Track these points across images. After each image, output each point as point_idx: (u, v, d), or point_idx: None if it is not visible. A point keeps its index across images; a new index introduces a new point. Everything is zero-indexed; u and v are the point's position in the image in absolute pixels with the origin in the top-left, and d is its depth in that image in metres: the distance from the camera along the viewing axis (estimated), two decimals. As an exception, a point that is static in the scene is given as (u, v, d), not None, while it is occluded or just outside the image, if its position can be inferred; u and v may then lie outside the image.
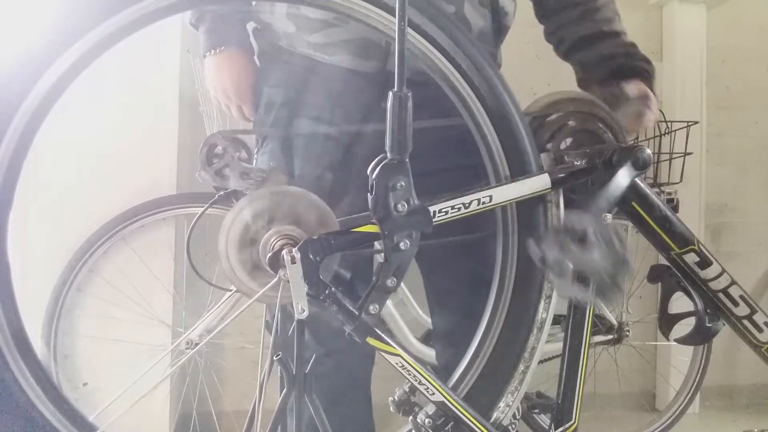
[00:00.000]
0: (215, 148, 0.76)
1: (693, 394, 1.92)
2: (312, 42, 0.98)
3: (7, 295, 0.65)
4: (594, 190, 0.80)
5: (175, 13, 0.67)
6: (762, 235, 2.39)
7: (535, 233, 0.78)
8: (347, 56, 0.97)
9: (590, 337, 0.82)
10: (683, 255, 0.85)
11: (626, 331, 1.76)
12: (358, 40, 0.95)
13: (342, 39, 0.96)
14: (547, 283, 0.80)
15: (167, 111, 1.70)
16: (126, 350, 1.59)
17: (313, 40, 0.97)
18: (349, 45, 0.96)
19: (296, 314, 0.67)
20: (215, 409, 1.82)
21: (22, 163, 0.64)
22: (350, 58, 0.97)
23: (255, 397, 0.71)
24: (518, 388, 0.79)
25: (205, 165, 0.74)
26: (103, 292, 1.64)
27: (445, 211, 0.72)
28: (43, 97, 0.63)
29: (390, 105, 0.64)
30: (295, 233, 0.70)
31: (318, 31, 0.96)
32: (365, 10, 0.71)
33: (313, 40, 0.97)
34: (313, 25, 0.96)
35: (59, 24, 0.63)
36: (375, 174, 0.67)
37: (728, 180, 2.37)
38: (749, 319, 0.85)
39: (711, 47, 2.27)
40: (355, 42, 0.96)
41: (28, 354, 0.65)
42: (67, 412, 0.67)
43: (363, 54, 0.96)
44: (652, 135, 1.81)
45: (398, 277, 0.70)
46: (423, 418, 0.77)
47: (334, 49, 0.97)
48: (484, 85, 0.75)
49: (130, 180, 1.67)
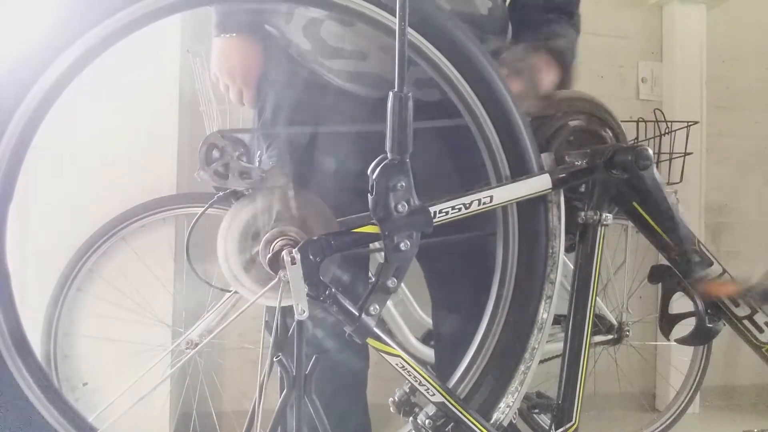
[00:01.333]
0: (214, 147, 0.76)
1: (693, 394, 1.92)
2: (327, 65, 0.98)
3: (6, 296, 0.65)
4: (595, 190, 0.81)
5: (175, 12, 0.67)
6: (762, 235, 2.39)
7: (536, 233, 0.78)
8: (362, 87, 0.98)
9: (590, 337, 0.82)
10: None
11: (626, 331, 1.76)
12: (375, 75, 0.96)
13: (360, 71, 0.97)
14: (548, 283, 0.80)
15: (167, 111, 1.70)
16: (126, 350, 1.59)
17: (329, 65, 0.98)
18: (365, 77, 0.97)
19: (296, 315, 0.67)
20: (215, 409, 1.82)
21: (22, 163, 0.64)
22: (365, 88, 0.98)
23: (255, 397, 0.71)
24: (518, 389, 0.79)
25: (204, 164, 0.74)
26: (103, 292, 1.64)
27: (445, 211, 0.72)
28: (42, 96, 0.63)
29: (390, 105, 0.64)
30: (295, 234, 0.70)
31: (335, 58, 0.97)
32: (365, 9, 0.71)
33: (329, 65, 0.98)
34: (330, 51, 0.97)
35: (59, 23, 0.63)
36: (375, 174, 0.67)
37: (728, 180, 2.36)
38: (749, 320, 0.85)
39: (711, 47, 2.27)
40: (372, 76, 0.97)
41: (27, 354, 0.65)
42: (66, 412, 0.67)
43: (378, 86, 0.97)
44: (653, 135, 1.81)
45: (398, 277, 0.70)
46: (423, 419, 0.77)
47: (349, 77, 0.98)
48: (485, 85, 0.75)
49: (130, 180, 1.66)
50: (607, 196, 0.83)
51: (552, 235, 0.79)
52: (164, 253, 1.70)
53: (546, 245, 0.79)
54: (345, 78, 0.98)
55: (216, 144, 0.76)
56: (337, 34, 0.95)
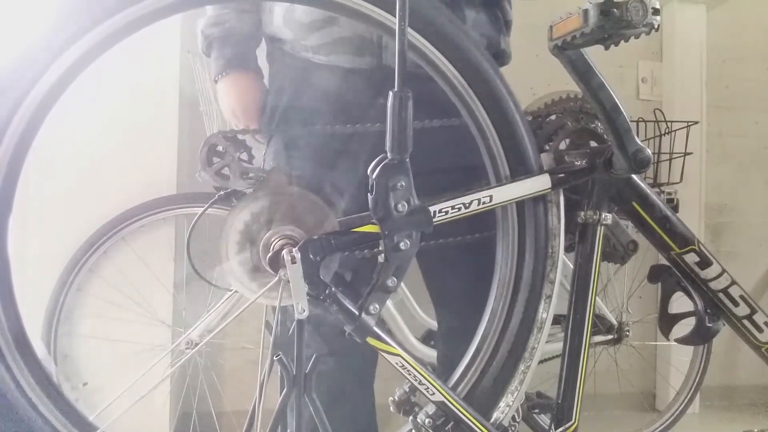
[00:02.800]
0: (216, 148, 0.76)
1: (693, 394, 1.91)
2: (308, 45, 0.99)
3: (7, 295, 0.65)
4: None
5: (175, 13, 0.67)
6: (762, 235, 2.39)
7: (535, 233, 0.78)
8: (342, 55, 0.98)
9: (590, 337, 0.82)
10: (683, 255, 0.85)
11: (626, 331, 1.76)
12: (350, 37, 0.96)
13: (334, 38, 0.97)
14: (548, 283, 0.80)
15: (167, 111, 1.70)
16: (126, 350, 1.59)
17: (308, 43, 0.99)
18: (342, 43, 0.97)
19: (296, 314, 0.67)
20: (215, 409, 1.82)
21: (23, 163, 0.64)
22: (345, 56, 0.98)
23: (255, 397, 0.71)
24: (518, 388, 0.79)
25: (205, 165, 0.74)
26: (103, 292, 1.64)
27: (445, 211, 0.72)
28: (43, 97, 0.63)
29: (390, 105, 0.64)
30: (295, 233, 0.70)
31: (311, 33, 0.98)
32: (365, 9, 0.71)
33: (308, 43, 0.99)
34: (306, 28, 0.98)
35: (59, 24, 0.63)
36: (375, 174, 0.67)
37: (728, 180, 2.37)
38: (749, 319, 0.85)
39: (711, 47, 2.27)
40: (348, 40, 0.97)
41: (28, 354, 0.65)
42: (67, 412, 0.67)
43: (357, 51, 0.97)
44: (653, 135, 1.81)
45: (398, 277, 0.70)
46: (423, 418, 0.77)
47: (329, 49, 0.98)
48: (485, 84, 0.75)
49: (130, 180, 1.66)
50: (606, 196, 0.83)
51: (551, 235, 0.79)
52: (164, 253, 1.70)
53: (545, 245, 0.79)
54: (325, 51, 0.98)
55: (217, 145, 0.76)
56: (307, 9, 0.96)
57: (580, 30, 0.68)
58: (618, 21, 0.66)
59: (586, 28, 0.67)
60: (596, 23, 0.66)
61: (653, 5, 0.66)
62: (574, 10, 0.70)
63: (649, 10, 0.66)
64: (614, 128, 0.78)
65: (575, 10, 0.69)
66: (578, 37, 0.69)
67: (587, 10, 0.67)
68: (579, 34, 0.69)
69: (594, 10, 0.66)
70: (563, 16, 0.71)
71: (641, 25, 0.66)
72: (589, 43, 0.71)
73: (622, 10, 0.66)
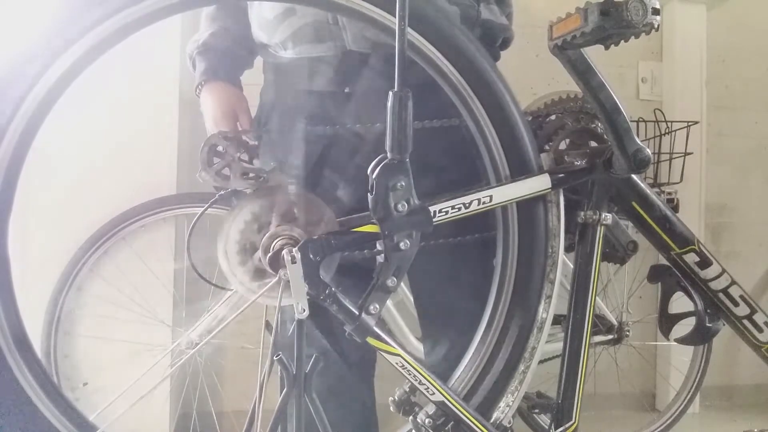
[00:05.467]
0: (216, 148, 0.76)
1: (693, 394, 1.91)
2: (278, 42, 1.00)
3: (7, 295, 0.65)
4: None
5: (175, 13, 0.67)
6: (762, 235, 2.39)
7: (535, 233, 0.78)
8: (304, 45, 0.97)
9: (590, 337, 0.82)
10: (683, 255, 0.85)
11: (626, 331, 1.76)
12: (307, 24, 0.96)
13: (294, 29, 0.97)
14: (547, 283, 0.80)
15: (167, 111, 1.70)
16: (126, 350, 1.59)
17: (276, 40, 0.99)
18: (302, 33, 0.96)
19: (296, 314, 0.67)
20: (215, 409, 1.82)
21: (23, 163, 0.64)
22: (306, 46, 0.97)
23: (255, 397, 0.71)
24: (518, 388, 0.79)
25: (205, 165, 0.74)
26: (103, 292, 1.64)
27: (445, 210, 0.72)
28: (43, 97, 0.63)
29: (390, 105, 0.64)
30: (295, 233, 0.70)
31: (276, 29, 0.98)
32: (365, 9, 0.71)
33: (276, 40, 0.99)
34: (272, 25, 0.99)
35: (60, 25, 0.63)
36: (375, 174, 0.67)
37: (728, 180, 2.36)
38: (749, 319, 0.85)
39: (711, 47, 2.27)
40: (305, 28, 0.96)
41: (28, 354, 0.65)
42: (67, 411, 0.67)
43: (316, 38, 0.96)
44: (653, 135, 1.81)
45: (398, 277, 0.70)
46: (423, 418, 0.77)
47: (293, 42, 0.98)
48: (485, 84, 0.75)
49: (130, 180, 1.66)
50: (606, 196, 0.83)
51: (551, 235, 0.79)
52: (164, 253, 1.70)
53: (545, 245, 0.79)
54: (291, 45, 0.98)
55: (217, 145, 0.76)
56: (270, 5, 0.97)
57: (580, 30, 0.68)
58: (618, 21, 0.66)
59: (586, 28, 0.68)
60: (596, 23, 0.66)
61: (653, 5, 0.67)
62: (573, 10, 0.70)
63: (649, 10, 0.66)
64: (614, 128, 0.78)
65: (575, 10, 0.69)
66: (578, 37, 0.69)
67: (587, 10, 0.67)
68: (579, 34, 0.69)
69: (594, 10, 0.66)
70: (563, 16, 0.71)
71: (641, 24, 0.66)
72: (589, 43, 0.71)
73: (622, 9, 0.66)
